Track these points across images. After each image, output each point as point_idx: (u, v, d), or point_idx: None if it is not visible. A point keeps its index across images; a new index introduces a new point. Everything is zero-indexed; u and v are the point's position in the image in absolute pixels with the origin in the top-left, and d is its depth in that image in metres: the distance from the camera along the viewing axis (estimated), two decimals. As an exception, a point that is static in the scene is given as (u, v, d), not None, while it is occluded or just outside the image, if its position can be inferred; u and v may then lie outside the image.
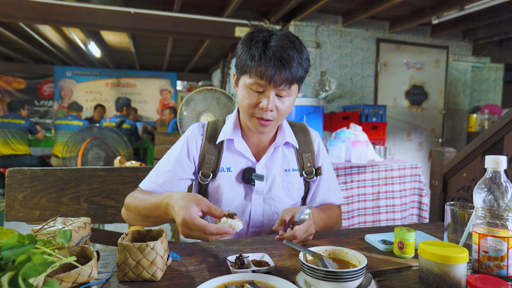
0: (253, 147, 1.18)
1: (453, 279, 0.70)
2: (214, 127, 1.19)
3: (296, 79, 1.00)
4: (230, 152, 1.16)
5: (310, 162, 1.21)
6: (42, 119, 8.12)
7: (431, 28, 4.71)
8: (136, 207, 1.04)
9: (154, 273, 0.74)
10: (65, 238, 0.66)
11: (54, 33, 5.35)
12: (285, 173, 1.18)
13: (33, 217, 1.41)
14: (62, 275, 0.67)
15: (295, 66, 0.98)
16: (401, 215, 2.83)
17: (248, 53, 0.99)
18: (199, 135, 1.18)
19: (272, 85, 0.98)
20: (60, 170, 1.45)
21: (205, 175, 1.14)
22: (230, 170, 1.14)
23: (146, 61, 7.87)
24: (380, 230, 1.13)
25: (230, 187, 1.14)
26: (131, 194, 1.12)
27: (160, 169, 1.15)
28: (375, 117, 3.84)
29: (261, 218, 1.16)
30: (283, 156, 1.19)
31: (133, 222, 1.14)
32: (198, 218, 0.81)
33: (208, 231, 0.79)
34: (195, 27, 3.97)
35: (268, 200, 1.16)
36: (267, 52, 0.96)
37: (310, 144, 1.23)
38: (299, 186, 1.20)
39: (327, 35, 4.26)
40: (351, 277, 0.66)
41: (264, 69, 0.96)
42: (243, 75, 1.03)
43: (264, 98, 1.01)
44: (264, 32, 1.01)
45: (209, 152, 1.15)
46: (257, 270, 0.79)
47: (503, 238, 0.72)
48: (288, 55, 0.96)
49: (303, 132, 1.25)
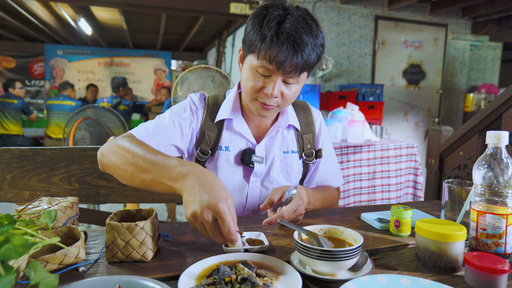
0: (254, 128, 1.13)
1: (450, 257, 0.69)
2: (214, 102, 1.13)
3: (307, 66, 0.92)
4: (230, 131, 1.11)
5: (310, 143, 1.17)
6: (34, 99, 7.99)
7: (430, 5, 4.60)
8: (135, 154, 0.82)
9: (144, 253, 0.72)
10: (50, 218, 0.63)
11: (42, 9, 5.18)
12: (283, 155, 1.14)
13: (22, 197, 1.38)
14: (47, 256, 0.64)
15: (307, 52, 0.89)
16: (396, 194, 2.84)
17: (258, 32, 0.89)
18: (201, 108, 1.11)
19: (281, 71, 0.90)
20: (49, 149, 1.41)
21: (203, 152, 1.09)
22: (229, 150, 1.10)
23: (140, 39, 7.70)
24: (376, 209, 1.12)
25: (228, 167, 1.10)
26: (125, 137, 0.93)
27: (160, 124, 1.03)
28: (372, 96, 3.80)
29: (257, 201, 1.14)
30: (282, 138, 1.15)
31: (112, 170, 0.89)
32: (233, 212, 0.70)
33: (231, 232, 0.68)
34: (188, 3, 3.85)
35: (265, 183, 1.13)
36: (279, 35, 0.86)
37: (312, 124, 1.18)
38: (298, 169, 1.17)
39: (325, 12, 4.15)
40: (347, 256, 0.64)
41: (274, 53, 0.87)
42: (250, 54, 0.94)
43: (270, 83, 0.93)
44: (280, 9, 0.90)
45: (209, 129, 1.09)
46: (250, 249, 0.77)
47: (502, 215, 0.70)
48: (302, 40, 0.87)
49: (305, 112, 1.19)
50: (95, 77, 8.16)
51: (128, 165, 0.82)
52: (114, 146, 0.88)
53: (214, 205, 0.66)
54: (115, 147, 0.88)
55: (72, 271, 0.68)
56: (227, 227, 0.67)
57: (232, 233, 0.68)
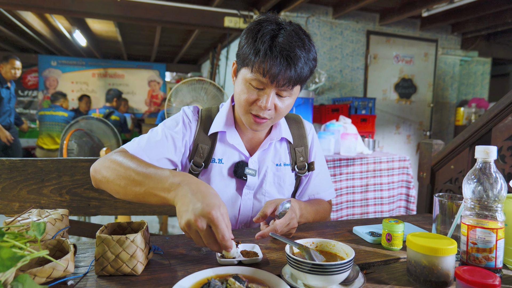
0: (247, 140, 1.14)
1: (441, 271, 0.69)
2: (208, 115, 1.13)
3: (300, 79, 0.93)
4: (223, 144, 1.11)
5: (303, 156, 1.17)
6: (27, 109, 7.92)
7: (420, 21, 4.71)
8: (128, 167, 0.82)
9: (134, 267, 0.71)
10: (39, 230, 0.62)
11: (37, 21, 5.18)
12: (276, 168, 1.14)
13: (12, 209, 1.36)
14: (36, 270, 0.63)
15: (301, 66, 0.91)
16: (389, 207, 2.84)
17: (252, 45, 0.90)
18: (194, 121, 1.12)
19: (275, 84, 0.92)
20: (40, 160, 1.39)
21: (196, 165, 1.09)
22: (222, 162, 1.10)
23: (134, 51, 7.72)
24: (368, 222, 1.12)
25: (221, 179, 1.10)
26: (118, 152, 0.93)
27: (152, 138, 1.03)
28: (365, 109, 3.84)
29: (250, 213, 1.13)
30: (275, 150, 1.15)
31: (105, 185, 0.88)
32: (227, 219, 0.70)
33: (225, 239, 0.67)
34: (183, 16, 3.88)
35: (258, 196, 1.13)
36: (273, 49, 0.88)
37: (304, 137, 1.19)
38: (290, 181, 1.17)
39: (318, 26, 4.23)
40: (338, 270, 0.64)
41: (268, 66, 0.88)
42: (244, 67, 0.96)
43: (263, 95, 0.94)
44: (273, 24, 0.92)
45: (202, 141, 1.09)
46: (244, 261, 0.77)
47: (492, 229, 0.71)
48: (296, 54, 0.89)
49: (297, 125, 1.21)
50: (88, 88, 8.14)
51: (121, 179, 0.83)
52: (107, 161, 0.89)
53: (207, 212, 0.66)
54: (108, 162, 0.88)
55: (60, 285, 0.66)
56: (221, 234, 0.67)
57: (227, 239, 0.68)
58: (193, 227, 0.68)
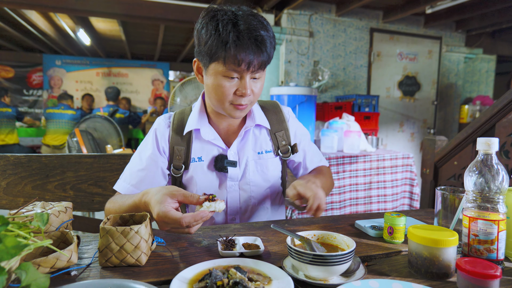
0: (223, 133, 1.15)
1: (442, 263, 0.69)
2: (180, 117, 1.15)
3: (269, 59, 0.96)
4: (200, 141, 1.12)
5: (284, 140, 1.19)
6: (32, 108, 7.98)
7: (424, 18, 4.69)
8: (116, 212, 0.96)
9: (139, 257, 0.72)
10: (42, 221, 0.63)
11: (42, 20, 5.22)
12: (258, 156, 1.15)
13: (17, 204, 1.38)
14: (39, 260, 0.64)
15: (269, 47, 0.93)
16: (392, 205, 2.84)
17: (218, 38, 0.90)
18: (166, 127, 1.13)
19: (250, 70, 0.93)
20: (44, 156, 1.41)
21: (177, 167, 1.10)
22: (202, 160, 1.11)
23: (138, 50, 7.75)
24: (370, 217, 1.12)
25: (203, 176, 1.11)
26: (110, 200, 1.05)
27: (134, 168, 1.08)
28: (368, 107, 3.83)
29: (238, 204, 1.14)
30: (255, 139, 1.16)
31: None
32: (172, 211, 0.76)
33: (184, 222, 0.75)
34: (186, 15, 3.89)
35: (243, 186, 1.14)
36: (240, 37, 0.89)
37: (283, 121, 1.21)
38: (274, 167, 1.18)
39: (321, 24, 4.22)
40: (339, 261, 0.64)
41: (242, 55, 0.89)
42: (213, 62, 0.95)
43: (240, 83, 0.96)
44: (228, 13, 0.92)
45: (177, 143, 1.10)
46: (245, 253, 0.77)
47: (493, 221, 0.71)
48: (262, 37, 0.91)
49: (275, 110, 1.22)
50: (92, 87, 8.18)
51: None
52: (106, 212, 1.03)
53: (156, 219, 0.78)
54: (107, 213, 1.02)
55: (64, 275, 0.67)
56: (178, 223, 0.75)
57: (186, 223, 0.75)
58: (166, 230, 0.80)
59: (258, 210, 1.17)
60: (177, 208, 0.81)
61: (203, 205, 0.80)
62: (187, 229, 0.78)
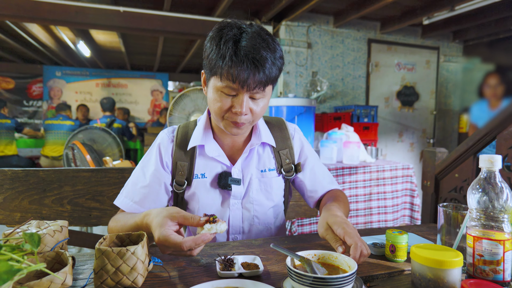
0: (227, 150, 1.12)
1: (447, 285, 0.67)
2: (184, 131, 1.12)
3: (270, 80, 0.93)
4: (204, 158, 1.09)
5: (288, 158, 1.15)
6: (31, 119, 7.98)
7: (422, 29, 4.72)
8: (119, 232, 0.95)
9: (135, 279, 0.70)
10: (33, 243, 0.61)
11: (42, 32, 5.25)
12: (261, 174, 1.12)
13: (13, 219, 1.36)
14: (33, 283, 0.62)
15: (268, 67, 0.90)
16: (393, 216, 2.81)
17: (218, 53, 0.90)
18: (169, 142, 1.11)
19: (246, 89, 0.91)
20: (42, 171, 1.39)
21: (179, 183, 1.08)
22: (205, 176, 1.09)
23: (137, 61, 7.79)
24: (371, 233, 1.10)
25: (206, 194, 1.08)
26: (113, 218, 1.03)
27: (136, 185, 1.06)
28: (367, 117, 3.83)
29: (240, 223, 1.12)
30: (258, 157, 1.13)
31: None
32: (173, 235, 0.75)
33: (185, 247, 0.74)
34: (185, 27, 3.92)
35: (246, 204, 1.11)
36: (238, 53, 0.88)
37: (287, 139, 1.17)
38: (278, 186, 1.15)
39: (319, 35, 4.25)
40: (341, 284, 0.62)
41: (236, 72, 0.88)
42: (213, 76, 0.95)
43: (237, 101, 0.93)
44: (234, 29, 0.91)
45: (180, 159, 1.08)
46: (244, 273, 0.75)
47: (498, 241, 0.69)
48: (262, 56, 0.88)
49: (280, 127, 1.19)
50: (92, 98, 8.20)
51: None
52: (110, 231, 1.02)
53: (157, 243, 0.77)
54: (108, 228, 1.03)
55: (58, 299, 0.65)
56: (179, 248, 0.74)
57: (187, 247, 0.74)
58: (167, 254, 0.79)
59: (261, 230, 1.15)
60: (178, 230, 0.79)
61: (204, 227, 0.78)
62: (188, 252, 0.77)
